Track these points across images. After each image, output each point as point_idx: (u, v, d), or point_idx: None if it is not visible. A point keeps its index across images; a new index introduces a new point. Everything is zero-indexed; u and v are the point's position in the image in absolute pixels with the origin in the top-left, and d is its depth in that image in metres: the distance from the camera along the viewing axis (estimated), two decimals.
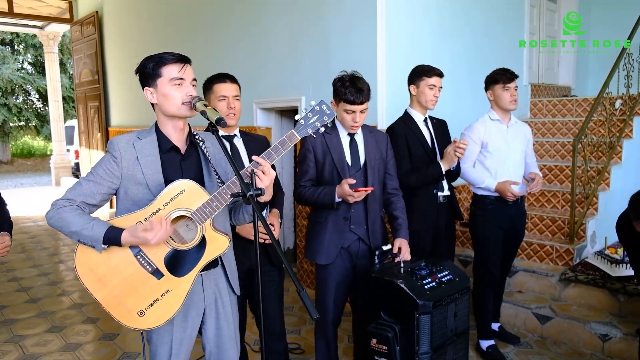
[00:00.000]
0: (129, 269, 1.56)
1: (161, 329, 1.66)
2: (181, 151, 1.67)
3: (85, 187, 1.59)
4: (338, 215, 2.32)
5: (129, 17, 6.58)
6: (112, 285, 1.57)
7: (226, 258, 1.76)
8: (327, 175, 2.33)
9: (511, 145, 2.86)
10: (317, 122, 1.61)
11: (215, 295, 1.75)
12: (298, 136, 1.60)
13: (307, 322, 3.52)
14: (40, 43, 11.90)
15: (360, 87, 2.22)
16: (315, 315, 1.27)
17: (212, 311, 1.75)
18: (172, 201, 1.55)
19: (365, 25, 3.50)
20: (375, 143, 2.40)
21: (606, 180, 3.99)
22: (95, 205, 1.61)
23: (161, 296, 1.58)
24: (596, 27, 5.65)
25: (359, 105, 2.22)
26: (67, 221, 1.54)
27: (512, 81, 2.83)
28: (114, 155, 1.60)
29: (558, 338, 3.14)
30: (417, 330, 2.05)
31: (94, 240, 1.52)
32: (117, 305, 1.57)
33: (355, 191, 2.14)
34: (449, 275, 2.25)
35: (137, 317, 1.58)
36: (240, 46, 4.60)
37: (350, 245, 2.35)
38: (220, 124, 1.49)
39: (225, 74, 2.29)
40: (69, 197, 1.58)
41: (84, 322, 3.66)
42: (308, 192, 2.31)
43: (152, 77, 1.59)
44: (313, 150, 2.32)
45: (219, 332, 1.76)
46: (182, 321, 1.69)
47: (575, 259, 3.49)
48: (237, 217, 1.80)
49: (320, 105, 1.61)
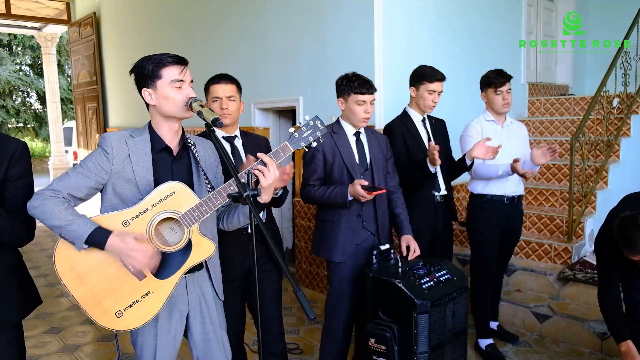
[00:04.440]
0: (111, 268, 1.54)
1: (145, 331, 1.65)
2: (173, 152, 1.66)
3: (73, 179, 1.55)
4: (351, 213, 2.36)
5: (127, 18, 6.57)
6: (91, 283, 1.54)
7: (212, 263, 1.75)
8: (337, 175, 2.37)
9: (506, 146, 2.85)
10: (310, 137, 1.65)
11: (199, 298, 1.74)
12: (292, 148, 1.63)
13: (305, 322, 3.52)
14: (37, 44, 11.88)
15: (366, 79, 2.35)
16: (311, 316, 1.26)
17: (196, 314, 1.74)
18: (161, 202, 1.54)
19: (363, 26, 3.51)
20: (377, 143, 2.49)
21: (604, 178, 4.00)
22: (81, 198, 1.58)
23: (141, 298, 1.56)
24: (594, 26, 5.65)
25: (369, 95, 2.33)
26: (52, 213, 1.49)
27: (504, 85, 2.81)
28: (105, 150, 1.58)
29: (557, 337, 3.14)
30: (415, 329, 2.05)
31: (77, 237, 1.48)
32: (94, 305, 1.54)
33: (369, 193, 2.19)
34: (446, 275, 2.24)
35: (115, 318, 1.55)
36: (239, 47, 4.60)
37: (365, 240, 2.40)
38: (216, 124, 1.49)
39: (221, 75, 2.30)
40: (55, 188, 1.53)
41: (83, 323, 3.65)
42: (318, 192, 2.34)
43: (152, 78, 1.58)
44: (322, 150, 2.36)
45: (205, 336, 1.75)
46: (166, 323, 1.68)
47: (573, 258, 3.50)
48: (230, 220, 1.78)
49: (314, 121, 1.66)
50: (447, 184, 2.82)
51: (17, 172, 1.68)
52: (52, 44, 10.95)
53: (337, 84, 2.41)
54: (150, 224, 1.54)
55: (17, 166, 1.69)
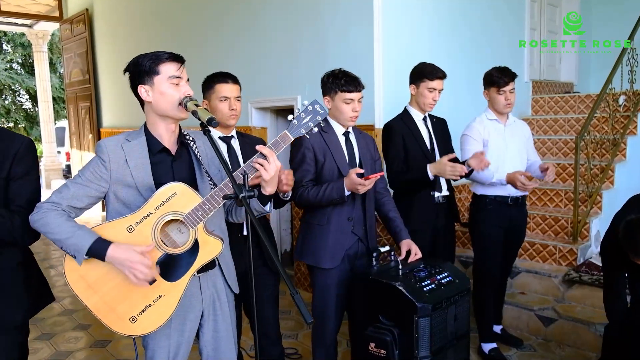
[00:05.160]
0: (121, 275, 1.56)
1: (158, 334, 1.67)
2: (172, 152, 1.67)
3: (73, 190, 1.58)
4: (342, 215, 2.31)
5: (121, 15, 6.58)
6: (103, 291, 1.58)
7: (223, 259, 1.77)
8: (328, 175, 2.32)
9: (509, 145, 2.86)
10: (310, 122, 1.62)
11: (213, 296, 1.76)
12: (291, 137, 1.61)
13: (304, 326, 3.52)
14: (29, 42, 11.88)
15: (354, 76, 2.31)
16: (309, 320, 1.27)
17: (210, 313, 1.76)
18: (164, 205, 1.56)
19: (362, 23, 3.52)
20: (365, 144, 2.47)
21: (610, 178, 4.01)
22: (82, 208, 1.61)
23: (153, 302, 1.59)
24: (597, 26, 5.66)
25: (357, 93, 2.30)
26: (52, 227, 1.52)
27: (507, 84, 2.79)
28: (102, 159, 1.60)
29: (562, 340, 3.15)
30: (416, 333, 2.06)
31: (77, 251, 1.51)
32: (108, 312, 1.58)
33: (366, 179, 2.12)
34: (448, 277, 2.25)
35: (129, 324, 1.59)
36: (236, 44, 4.61)
37: (351, 246, 2.36)
38: (211, 124, 1.49)
39: (228, 74, 2.29)
40: (55, 201, 1.57)
41: (75, 329, 3.66)
42: (311, 193, 2.26)
43: (149, 74, 1.58)
44: (312, 149, 2.32)
45: (216, 334, 1.77)
46: (180, 324, 1.70)
47: (579, 259, 3.51)
48: (238, 213, 1.82)
49: (314, 105, 1.62)
50: (448, 184, 2.83)
51: (21, 170, 1.70)
52: (44, 41, 10.97)
53: (322, 81, 2.37)
54: (155, 227, 1.56)
55: (21, 164, 1.70)
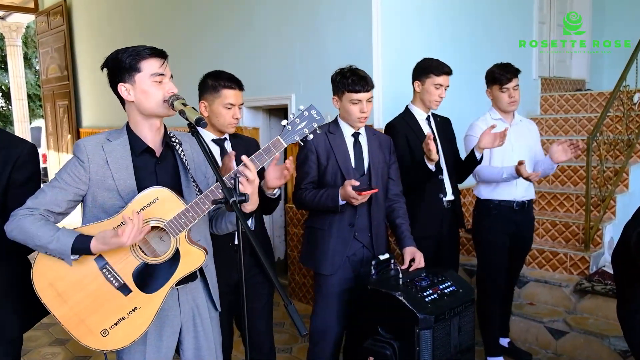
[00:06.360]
0: (93, 283, 1.55)
1: (132, 350, 1.65)
2: (156, 154, 1.66)
3: (49, 194, 1.57)
4: (343, 221, 2.36)
5: (101, 7, 6.57)
6: (73, 301, 1.56)
7: (208, 271, 1.76)
8: (330, 179, 2.36)
9: (515, 145, 2.88)
10: (305, 129, 1.63)
11: (193, 311, 1.74)
12: (284, 143, 1.63)
13: (299, 339, 3.54)
14: (1, 35, 11.85)
15: (363, 75, 2.33)
16: (303, 332, 1.28)
17: (189, 329, 1.74)
18: (144, 210, 1.54)
19: (360, 18, 3.54)
20: (378, 146, 2.47)
21: (624, 181, 4.04)
22: (61, 213, 1.60)
23: (128, 314, 1.57)
24: (610, 24, 5.72)
25: (365, 94, 2.31)
26: (31, 233, 1.51)
27: (510, 81, 2.81)
28: (80, 159, 1.58)
29: (574, 355, 3.17)
30: (418, 346, 2.07)
31: (62, 253, 1.51)
32: (78, 324, 1.56)
33: (359, 194, 2.16)
34: (451, 287, 2.27)
35: (100, 337, 1.56)
36: (226, 40, 4.62)
37: (355, 252, 2.40)
38: (200, 124, 1.49)
39: (235, 79, 2.27)
40: (31, 206, 1.55)
41: (52, 344, 3.64)
42: (309, 196, 2.34)
43: (129, 72, 1.57)
44: (316, 151, 2.36)
45: (198, 352, 1.75)
46: (156, 340, 1.68)
47: (591, 268, 3.52)
48: (218, 225, 1.80)
49: (310, 110, 1.64)
50: (454, 187, 2.85)
51: (21, 177, 1.71)
52: (18, 34, 10.93)
53: (332, 79, 2.41)
54: None
55: (21, 171, 1.72)
